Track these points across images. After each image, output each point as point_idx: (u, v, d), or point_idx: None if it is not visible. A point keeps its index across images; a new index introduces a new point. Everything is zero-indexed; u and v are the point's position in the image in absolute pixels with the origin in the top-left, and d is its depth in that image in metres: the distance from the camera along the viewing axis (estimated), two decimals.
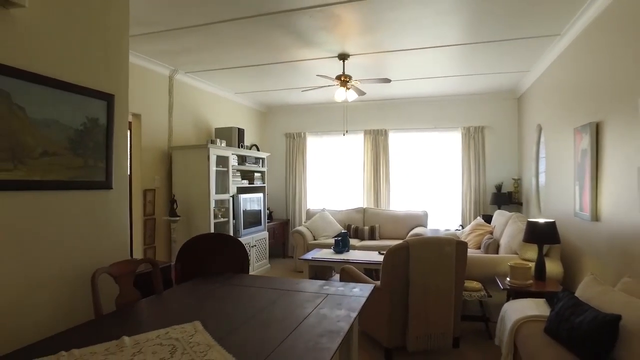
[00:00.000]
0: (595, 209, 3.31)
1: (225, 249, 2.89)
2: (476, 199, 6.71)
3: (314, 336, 1.59)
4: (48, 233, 1.95)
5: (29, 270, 1.84)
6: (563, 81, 4.27)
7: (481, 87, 6.30)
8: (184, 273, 2.75)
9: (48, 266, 1.94)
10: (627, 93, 2.78)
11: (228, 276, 2.63)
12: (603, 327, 2.00)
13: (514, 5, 3.39)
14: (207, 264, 2.81)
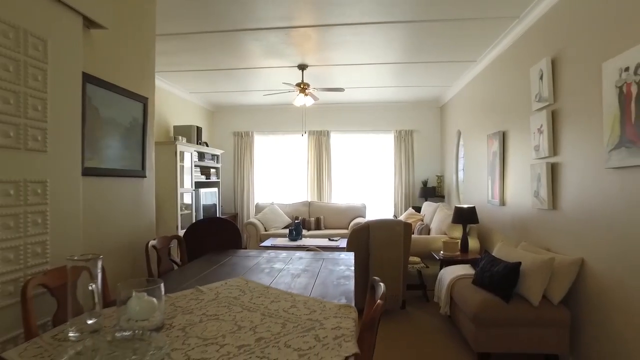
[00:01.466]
0: (503, 197, 4.39)
1: (221, 230, 3.47)
2: (406, 192, 7.79)
3: (333, 279, 2.30)
4: (108, 212, 2.39)
5: (103, 242, 2.30)
6: (477, 97, 5.39)
7: (411, 97, 7.38)
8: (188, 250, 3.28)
9: (111, 238, 2.40)
10: (522, 111, 3.83)
11: (232, 251, 3.22)
12: (510, 271, 2.97)
13: (442, 37, 4.34)
14: (207, 242, 3.36)
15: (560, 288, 2.90)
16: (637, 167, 2.29)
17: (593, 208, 2.75)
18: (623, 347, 2.45)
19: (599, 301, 2.69)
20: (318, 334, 1.47)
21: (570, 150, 3.05)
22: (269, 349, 1.34)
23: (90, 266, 1.49)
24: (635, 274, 2.33)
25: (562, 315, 2.90)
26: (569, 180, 3.05)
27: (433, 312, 4.23)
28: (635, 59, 2.24)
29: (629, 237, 2.39)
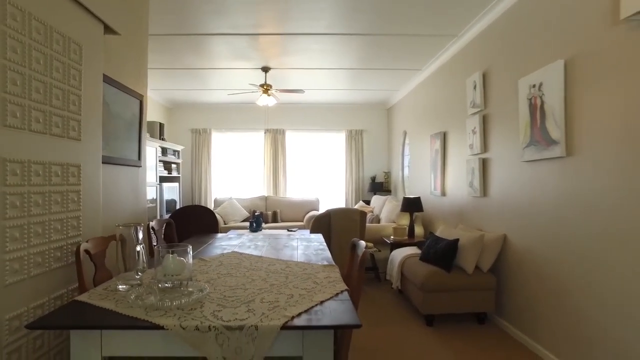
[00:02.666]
0: (443, 188, 5.09)
1: (201, 215, 3.83)
2: (357, 187, 8.43)
3: (312, 251, 2.78)
4: (114, 196, 2.68)
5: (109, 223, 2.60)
6: (422, 101, 6.10)
7: (362, 99, 8.01)
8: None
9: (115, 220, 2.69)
10: (459, 115, 4.53)
11: (213, 234, 3.59)
12: (450, 247, 3.62)
13: (392, 48, 4.95)
14: (189, 226, 3.71)
15: (488, 259, 3.59)
16: (541, 160, 2.99)
17: (513, 193, 3.45)
18: (535, 301, 3.15)
19: (517, 267, 3.39)
20: (315, 281, 1.94)
21: (496, 147, 3.75)
22: (283, 289, 1.79)
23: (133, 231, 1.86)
24: (543, 244, 3.03)
25: (490, 281, 3.59)
26: (496, 172, 3.75)
27: (386, 289, 4.84)
28: (539, 79, 2.94)
29: (537, 215, 3.09)
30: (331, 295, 1.70)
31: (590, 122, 2.54)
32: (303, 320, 1.42)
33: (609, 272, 2.39)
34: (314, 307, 1.55)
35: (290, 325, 1.38)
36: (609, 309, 2.39)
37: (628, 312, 2.25)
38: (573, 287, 2.70)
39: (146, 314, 1.46)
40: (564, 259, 2.79)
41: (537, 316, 3.10)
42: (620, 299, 2.31)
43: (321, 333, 1.44)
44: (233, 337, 1.36)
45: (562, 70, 2.74)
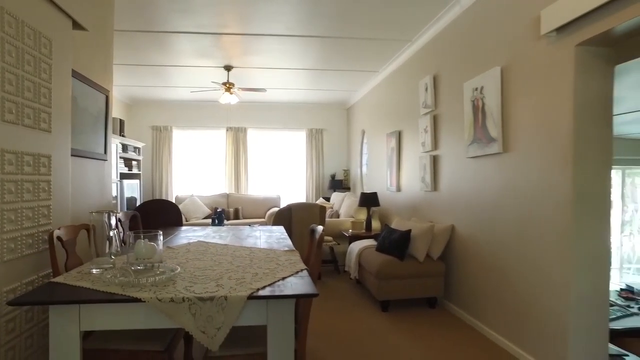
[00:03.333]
0: (399, 184, 5.40)
1: (166, 209, 3.90)
2: (317, 184, 8.66)
3: (274, 240, 2.95)
4: (81, 188, 2.73)
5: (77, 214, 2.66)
6: (379, 101, 6.40)
7: (322, 99, 8.24)
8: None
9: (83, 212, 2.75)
10: (413, 115, 4.84)
11: (177, 227, 3.68)
12: (403, 237, 3.90)
13: (351, 50, 5.20)
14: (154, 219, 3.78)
15: (438, 247, 3.89)
16: (483, 156, 3.31)
17: (459, 186, 3.77)
18: (478, 284, 3.47)
19: (464, 254, 3.71)
20: (277, 262, 2.13)
21: (445, 145, 4.07)
22: (248, 269, 1.96)
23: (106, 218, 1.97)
24: (485, 231, 3.36)
25: (439, 268, 3.90)
26: (445, 167, 4.07)
27: (344, 280, 5.09)
28: (481, 83, 3.26)
29: (480, 205, 3.41)
30: (292, 273, 1.89)
31: (521, 122, 2.87)
32: (267, 291, 1.60)
33: (538, 251, 2.72)
34: (277, 282, 1.74)
35: (256, 295, 1.56)
36: (537, 283, 2.72)
37: (552, 283, 2.58)
38: (509, 267, 3.03)
39: (123, 290, 1.59)
40: (502, 243, 3.12)
41: (480, 298, 3.43)
42: (546, 273, 2.64)
43: (283, 302, 1.62)
44: (205, 307, 1.53)
45: (499, 75, 3.07)
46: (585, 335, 2.46)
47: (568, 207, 2.45)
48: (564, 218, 2.48)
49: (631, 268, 6.01)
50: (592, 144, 2.45)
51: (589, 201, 2.44)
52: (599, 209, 2.46)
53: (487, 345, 3.13)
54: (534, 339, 2.75)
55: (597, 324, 2.48)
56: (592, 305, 2.46)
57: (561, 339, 2.49)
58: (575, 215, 2.42)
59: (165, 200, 4.09)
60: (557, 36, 2.53)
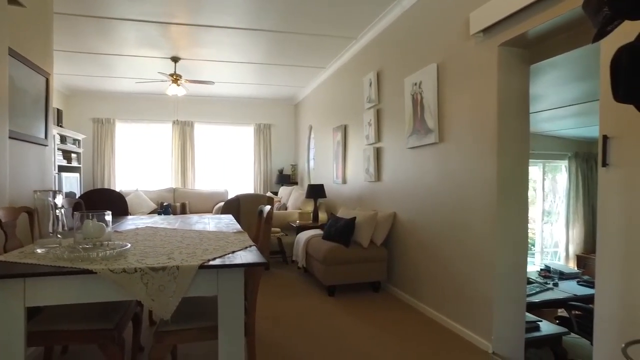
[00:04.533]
0: (344, 176, 5.61)
1: (112, 199, 3.82)
2: (265, 179, 8.71)
3: (223, 225, 3.01)
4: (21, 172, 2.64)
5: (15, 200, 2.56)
6: (326, 97, 6.59)
7: (271, 94, 8.31)
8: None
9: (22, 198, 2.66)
10: (358, 109, 5.06)
11: (124, 216, 3.63)
12: (348, 224, 4.09)
13: (298, 45, 5.34)
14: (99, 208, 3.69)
15: (381, 234, 4.12)
16: (421, 146, 3.57)
17: (400, 176, 4.02)
18: (416, 267, 3.73)
19: (405, 240, 3.96)
20: (227, 241, 2.21)
21: (388, 137, 4.31)
22: (199, 246, 2.03)
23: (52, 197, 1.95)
24: (423, 217, 3.62)
25: (382, 253, 4.13)
26: (387, 159, 4.31)
27: (292, 270, 5.21)
28: (420, 78, 3.51)
29: (419, 193, 3.67)
30: (241, 248, 1.98)
31: (454, 114, 3.14)
32: (218, 262, 1.69)
33: (469, 234, 3.00)
34: (227, 254, 1.83)
35: (207, 265, 1.64)
36: (468, 263, 3.00)
37: (481, 262, 2.86)
38: (444, 250, 3.30)
39: (72, 263, 1.61)
40: (438, 228, 3.38)
41: (419, 279, 3.69)
42: (476, 253, 2.92)
43: (233, 272, 1.71)
44: (157, 277, 1.59)
45: (435, 71, 3.33)
46: (507, 306, 2.75)
47: (493, 193, 2.73)
48: (490, 203, 2.76)
49: (549, 252, 6.64)
50: (513, 136, 2.74)
51: (510, 188, 2.73)
52: (518, 195, 2.76)
53: (426, 321, 3.38)
54: (466, 312, 3.02)
55: (516, 297, 2.78)
56: (512, 281, 2.76)
57: (487, 310, 2.77)
58: (498, 201, 2.71)
59: (111, 190, 3.99)
60: (483, 37, 2.81)
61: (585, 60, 3.00)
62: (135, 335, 2.49)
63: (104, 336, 1.90)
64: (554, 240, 6.66)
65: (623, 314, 1.78)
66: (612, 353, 1.83)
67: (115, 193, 3.91)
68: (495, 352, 2.70)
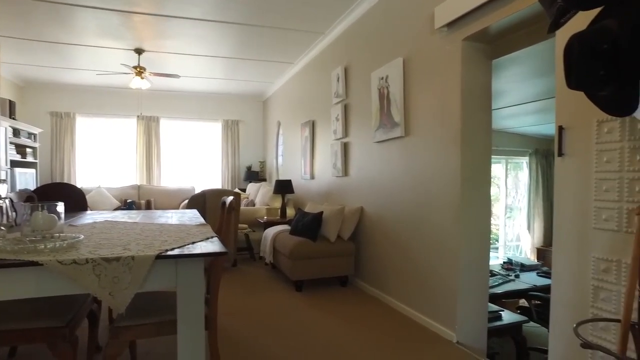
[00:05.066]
0: (312, 172, 5.59)
1: (69, 193, 3.66)
2: (233, 176, 8.59)
3: (187, 218, 2.93)
4: None
5: None
6: (294, 92, 6.55)
7: (239, 90, 8.19)
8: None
9: None
10: (326, 104, 5.05)
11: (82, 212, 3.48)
12: (315, 219, 4.08)
13: (266, 40, 5.27)
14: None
15: (348, 228, 4.13)
16: (388, 140, 3.59)
17: (367, 170, 4.04)
18: (383, 260, 3.75)
19: (371, 234, 3.98)
20: (188, 233, 2.14)
21: (355, 132, 4.32)
22: (158, 238, 1.96)
23: None
24: (388, 210, 3.64)
25: (350, 248, 4.14)
26: (355, 153, 4.32)
27: (260, 266, 5.15)
28: (386, 72, 3.53)
29: (385, 186, 3.70)
30: (202, 239, 1.93)
31: (420, 108, 3.17)
32: (176, 252, 1.63)
33: (434, 227, 3.04)
34: (187, 245, 1.77)
35: (164, 255, 1.58)
36: (433, 255, 3.04)
37: (445, 254, 2.90)
38: (410, 243, 3.33)
39: (16, 256, 1.50)
40: (404, 221, 3.41)
41: (386, 273, 3.71)
42: (440, 245, 2.96)
43: (193, 263, 1.66)
44: (110, 268, 1.51)
45: (401, 66, 3.35)
46: (470, 297, 2.81)
47: (457, 186, 2.77)
48: (454, 196, 2.81)
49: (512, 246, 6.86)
50: (476, 129, 2.80)
51: (473, 181, 2.78)
52: (481, 188, 2.82)
53: (392, 313, 3.41)
54: (431, 303, 3.06)
55: (479, 288, 2.84)
56: (476, 272, 2.82)
57: (451, 302, 2.82)
58: (462, 194, 2.75)
59: (69, 184, 3.82)
60: (447, 31, 2.85)
61: (545, 56, 3.09)
62: (92, 334, 2.38)
63: (53, 334, 1.79)
64: (515, 234, 6.88)
65: (576, 297, 1.84)
66: (565, 335, 1.89)
67: (74, 188, 3.74)
68: (459, 341, 2.75)
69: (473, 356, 2.58)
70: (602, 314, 1.74)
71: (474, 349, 2.72)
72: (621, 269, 1.66)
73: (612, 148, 1.72)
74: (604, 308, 1.73)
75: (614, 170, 1.70)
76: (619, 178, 1.68)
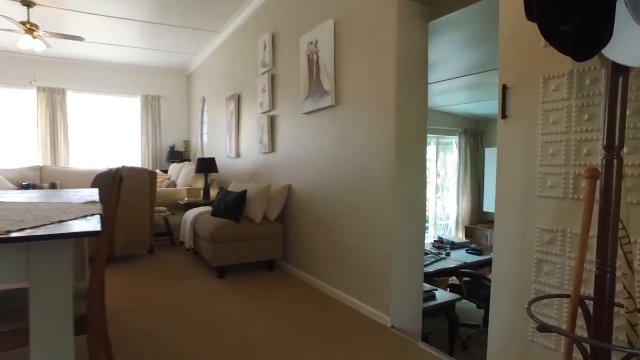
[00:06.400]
0: (238, 150, 5.17)
1: None
2: (154, 156, 7.88)
3: (78, 198, 2.43)
4: None
5: None
6: (219, 65, 6.03)
7: (160, 62, 7.45)
8: None
9: None
10: (252, 75, 4.63)
11: None
12: (238, 198, 3.70)
13: (190, 2, 4.72)
14: None
15: (275, 208, 3.80)
16: (317, 110, 3.30)
17: (295, 145, 3.72)
18: (313, 242, 3.48)
19: (300, 213, 3.69)
20: (64, 211, 1.69)
21: (283, 104, 3.97)
22: (13, 217, 1.50)
23: None
24: (318, 187, 3.37)
25: (277, 229, 3.82)
26: (282, 127, 3.98)
27: (180, 252, 4.68)
28: (316, 36, 3.21)
29: (314, 161, 3.41)
30: (77, 217, 1.50)
31: (352, 74, 2.90)
32: (27, 233, 1.20)
33: (367, 203, 2.80)
34: (49, 224, 1.34)
35: (7, 237, 1.15)
36: (366, 233, 2.81)
37: (379, 232, 2.68)
38: (342, 221, 3.08)
39: None
40: (335, 198, 3.15)
41: (316, 255, 3.45)
42: (374, 223, 2.73)
43: (53, 248, 1.24)
44: None
45: (332, 28, 3.05)
46: (405, 278, 2.62)
47: (392, 158, 2.54)
48: (388, 170, 2.58)
49: (442, 224, 6.96)
50: (412, 96, 2.57)
51: (408, 152, 2.57)
52: (417, 159, 2.62)
53: (323, 298, 3.16)
54: (364, 286, 2.85)
55: (414, 268, 2.66)
56: (411, 252, 2.63)
57: (385, 284, 2.61)
58: (397, 167, 2.53)
59: None
60: None
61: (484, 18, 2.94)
62: None
63: None
64: (445, 213, 6.99)
65: (519, 273, 1.68)
66: (506, 315, 1.73)
67: None
68: (394, 325, 2.56)
69: (408, 340, 2.40)
70: (545, 289, 1.58)
71: (409, 332, 2.54)
72: (566, 240, 1.51)
73: (558, 107, 1.54)
74: (547, 282, 1.58)
75: (560, 131, 1.53)
76: (566, 140, 1.52)
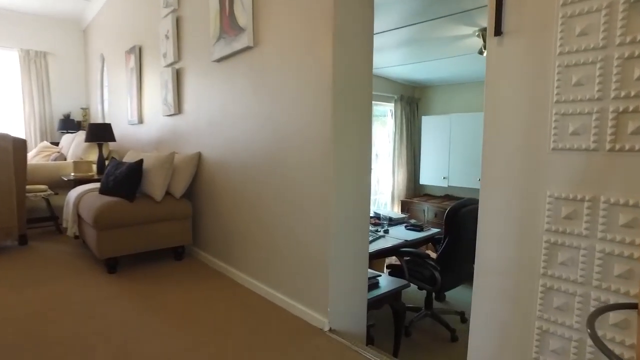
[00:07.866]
0: (141, 115, 4.26)
1: None
2: (42, 126, 6.56)
3: None
4: None
5: None
6: (118, 13, 4.96)
7: (45, 9, 6.09)
8: None
9: None
10: (154, 21, 3.74)
11: None
12: (132, 170, 2.89)
13: None
14: None
15: (181, 183, 3.05)
16: (231, 55, 2.57)
17: (206, 103, 2.97)
18: (231, 223, 2.80)
19: (214, 188, 2.97)
20: None
21: (190, 53, 3.17)
22: None
23: None
24: (235, 154, 2.67)
25: (184, 208, 3.08)
26: (190, 81, 3.19)
27: (66, 241, 3.77)
28: None
29: (228, 122, 2.70)
30: None
31: (274, 3, 2.20)
32: None
33: (299, 171, 2.17)
34: None
35: None
36: (297, 209, 2.19)
37: (316, 211, 2.07)
38: (267, 198, 2.43)
39: None
40: (257, 167, 2.48)
41: (236, 241, 2.77)
42: (309, 199, 2.11)
43: None
44: None
45: None
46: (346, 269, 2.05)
47: (328, 112, 1.91)
48: (324, 127, 1.95)
49: (376, 199, 6.58)
50: (353, 28, 1.94)
51: (350, 102, 1.96)
52: (359, 115, 2.01)
53: (244, 294, 2.51)
54: (295, 280, 2.24)
55: (357, 258, 2.10)
56: (352, 235, 2.05)
57: (322, 277, 2.02)
58: (335, 123, 1.91)
59: None
60: None
61: None
62: None
63: None
64: (380, 186, 6.59)
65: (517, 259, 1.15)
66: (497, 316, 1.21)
67: None
68: (333, 328, 1.99)
69: (350, 347, 1.85)
70: (558, 285, 1.07)
71: (351, 335, 2.00)
72: (598, 213, 0.99)
73: (592, 9, 1.00)
74: (564, 276, 1.06)
75: (594, 47, 0.99)
76: (604, 59, 0.98)
